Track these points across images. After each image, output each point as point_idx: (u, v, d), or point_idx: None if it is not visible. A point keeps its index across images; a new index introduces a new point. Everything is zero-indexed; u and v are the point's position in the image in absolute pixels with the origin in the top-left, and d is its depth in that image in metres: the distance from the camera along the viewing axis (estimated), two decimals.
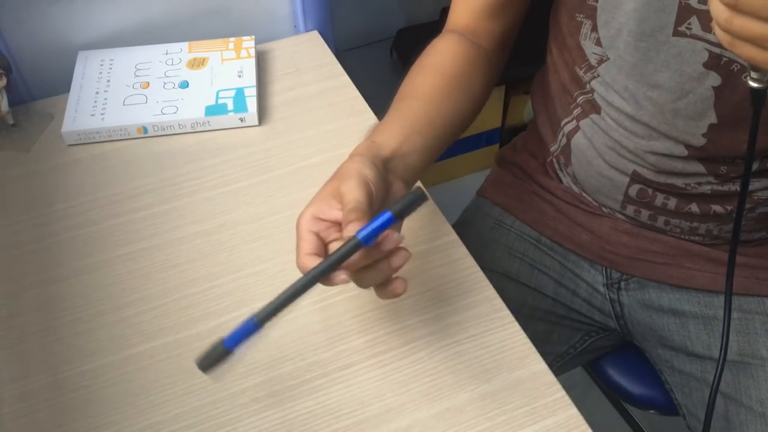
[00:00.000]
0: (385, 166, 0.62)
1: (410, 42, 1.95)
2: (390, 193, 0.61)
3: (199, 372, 0.66)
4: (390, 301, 0.70)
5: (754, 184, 0.74)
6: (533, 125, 0.93)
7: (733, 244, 0.62)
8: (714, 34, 0.49)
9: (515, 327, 0.68)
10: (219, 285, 0.73)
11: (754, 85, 0.53)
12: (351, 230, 0.53)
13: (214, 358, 0.56)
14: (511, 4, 0.78)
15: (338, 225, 0.57)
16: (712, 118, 0.69)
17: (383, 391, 0.64)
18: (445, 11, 0.83)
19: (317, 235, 0.57)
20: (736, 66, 0.65)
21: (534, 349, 0.66)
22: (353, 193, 0.56)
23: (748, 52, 0.48)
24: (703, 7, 0.64)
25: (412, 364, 0.66)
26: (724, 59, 0.65)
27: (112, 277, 0.74)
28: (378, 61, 2.04)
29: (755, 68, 0.52)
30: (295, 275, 0.73)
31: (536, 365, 0.65)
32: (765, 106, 0.67)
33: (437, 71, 0.75)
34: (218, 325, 0.69)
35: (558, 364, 0.91)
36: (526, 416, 0.62)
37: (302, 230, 0.57)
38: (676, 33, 0.66)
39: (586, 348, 0.91)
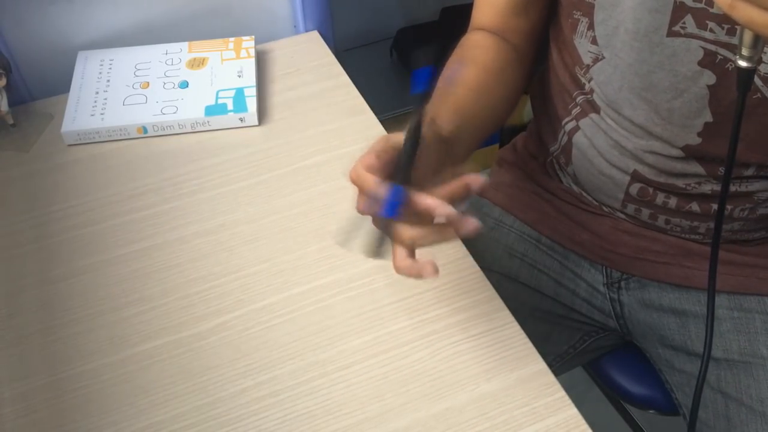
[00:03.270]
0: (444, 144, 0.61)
1: (410, 42, 1.96)
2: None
3: (198, 372, 0.66)
4: (390, 301, 0.70)
5: (754, 185, 0.74)
6: (533, 126, 0.93)
7: (715, 239, 0.61)
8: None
9: (515, 327, 0.68)
10: (219, 285, 0.73)
11: (743, 64, 0.51)
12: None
13: (377, 242, 0.53)
14: (534, 2, 0.79)
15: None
16: (708, 117, 0.69)
17: (383, 391, 0.64)
18: (445, 11, 0.83)
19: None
20: (731, 65, 0.65)
21: (534, 349, 0.66)
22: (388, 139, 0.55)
23: (749, 13, 0.45)
24: (698, 5, 0.63)
25: (412, 364, 0.66)
26: (719, 57, 0.65)
27: (112, 277, 0.74)
28: (378, 61, 2.04)
29: (746, 43, 0.49)
30: (294, 275, 0.73)
31: (536, 365, 0.65)
32: (762, 111, 0.67)
33: (478, 64, 0.75)
34: (218, 325, 0.69)
35: (558, 364, 0.91)
36: (526, 416, 0.62)
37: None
38: (671, 33, 0.66)
39: (586, 348, 0.91)
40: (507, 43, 0.79)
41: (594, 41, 0.72)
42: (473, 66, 0.76)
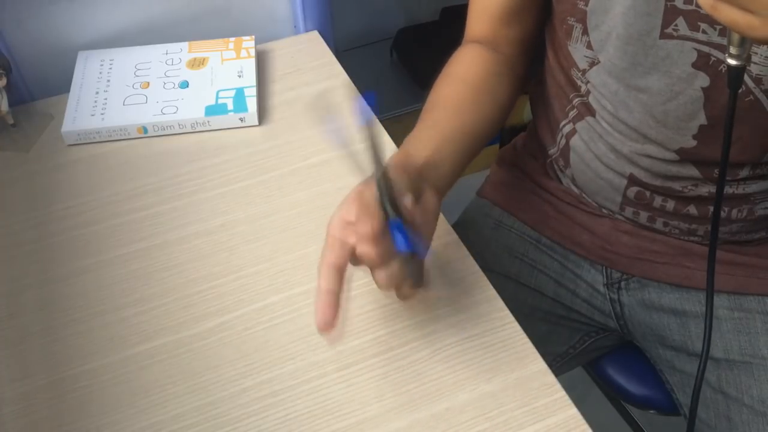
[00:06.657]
0: (418, 175, 0.63)
1: (410, 42, 1.96)
2: (421, 201, 0.61)
3: (199, 372, 0.66)
4: (389, 301, 0.70)
5: (751, 186, 0.74)
6: (532, 126, 0.93)
7: (713, 241, 0.61)
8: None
9: (515, 327, 0.68)
10: (219, 285, 0.73)
11: (732, 62, 0.51)
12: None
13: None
14: (525, 11, 0.79)
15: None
16: (702, 119, 0.69)
17: (383, 391, 0.64)
18: (445, 11, 0.83)
19: (343, 241, 0.56)
20: (724, 66, 0.65)
21: (534, 349, 0.66)
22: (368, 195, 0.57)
23: (730, 15, 0.45)
24: (690, 8, 0.64)
25: (412, 364, 0.66)
26: (713, 59, 0.65)
27: (112, 277, 0.74)
28: (378, 61, 2.04)
29: (734, 42, 0.50)
30: (295, 275, 0.73)
31: (536, 365, 0.65)
32: (761, 112, 0.67)
33: (462, 80, 0.77)
34: (218, 325, 0.69)
35: (558, 364, 0.91)
36: (526, 416, 0.62)
37: (329, 236, 0.57)
38: (663, 36, 0.66)
39: (586, 348, 0.91)
40: (497, 54, 0.79)
41: (589, 46, 0.72)
42: (456, 83, 0.77)
